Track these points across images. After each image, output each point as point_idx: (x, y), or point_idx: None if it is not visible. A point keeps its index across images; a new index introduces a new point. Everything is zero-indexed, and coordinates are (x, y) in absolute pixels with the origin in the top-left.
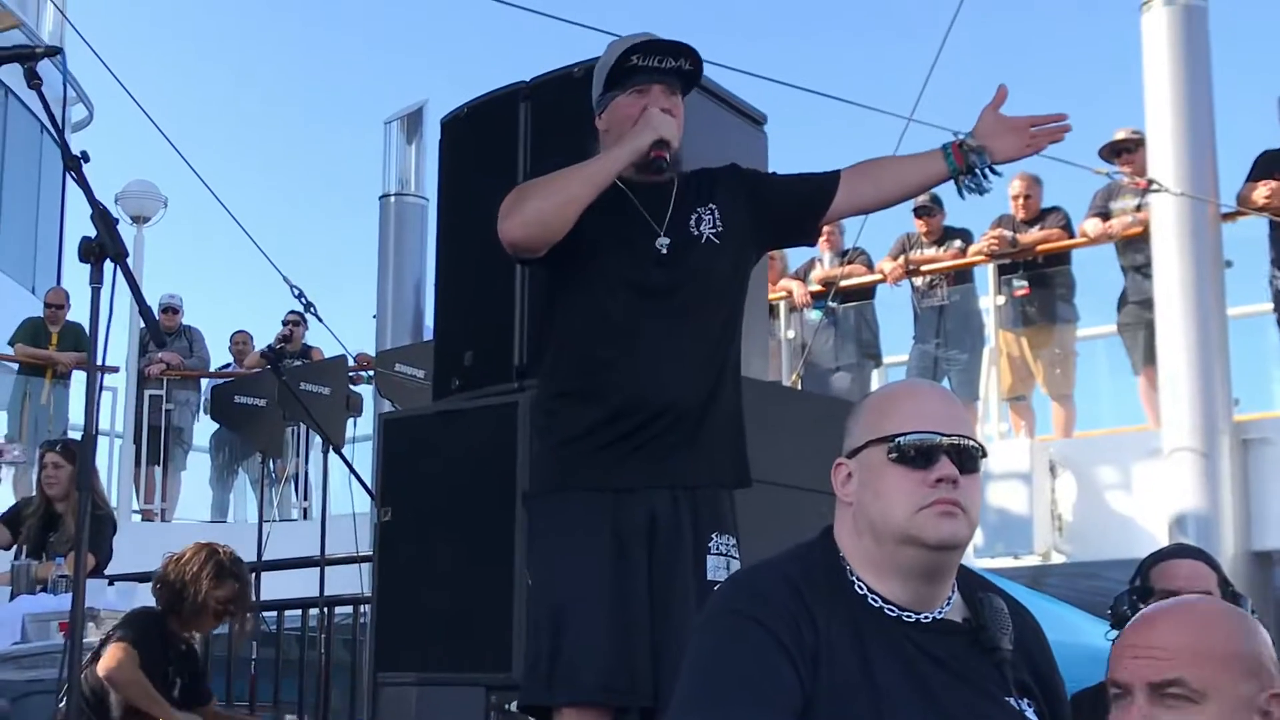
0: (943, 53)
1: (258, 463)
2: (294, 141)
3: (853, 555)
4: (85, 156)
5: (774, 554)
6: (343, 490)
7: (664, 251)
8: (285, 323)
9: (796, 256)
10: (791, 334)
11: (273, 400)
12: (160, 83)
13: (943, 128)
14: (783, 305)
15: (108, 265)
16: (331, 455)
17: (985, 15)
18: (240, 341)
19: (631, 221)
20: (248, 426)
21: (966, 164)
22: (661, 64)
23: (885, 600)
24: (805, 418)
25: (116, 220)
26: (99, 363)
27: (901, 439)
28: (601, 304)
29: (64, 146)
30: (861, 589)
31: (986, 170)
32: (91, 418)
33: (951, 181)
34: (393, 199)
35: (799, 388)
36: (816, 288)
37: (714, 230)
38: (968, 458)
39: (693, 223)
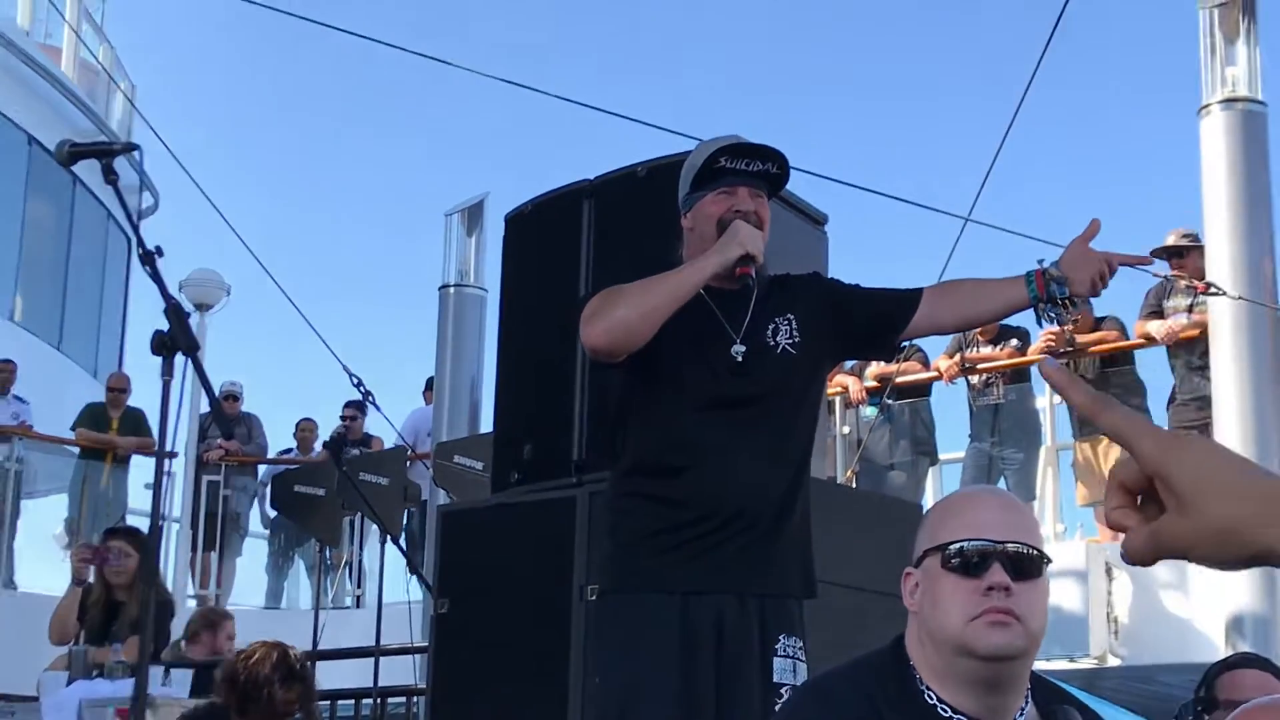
0: (1002, 152)
1: (314, 549)
2: (356, 233)
3: (921, 665)
4: (160, 251)
5: (837, 660)
6: (398, 579)
7: (739, 360)
8: (344, 416)
9: None
10: (846, 430)
11: (332, 489)
12: (226, 173)
13: (1000, 228)
14: (838, 401)
15: (179, 358)
16: (389, 547)
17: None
18: (306, 429)
19: (709, 327)
20: (307, 515)
21: (1048, 293)
22: (749, 166)
23: (955, 710)
24: (860, 516)
25: (188, 314)
26: (167, 451)
27: (954, 547)
28: (675, 410)
29: (139, 242)
30: (931, 699)
31: (1067, 302)
32: (157, 508)
33: (1031, 310)
34: (452, 290)
35: (854, 485)
36: (872, 384)
37: (791, 341)
38: (1025, 565)
39: (770, 332)
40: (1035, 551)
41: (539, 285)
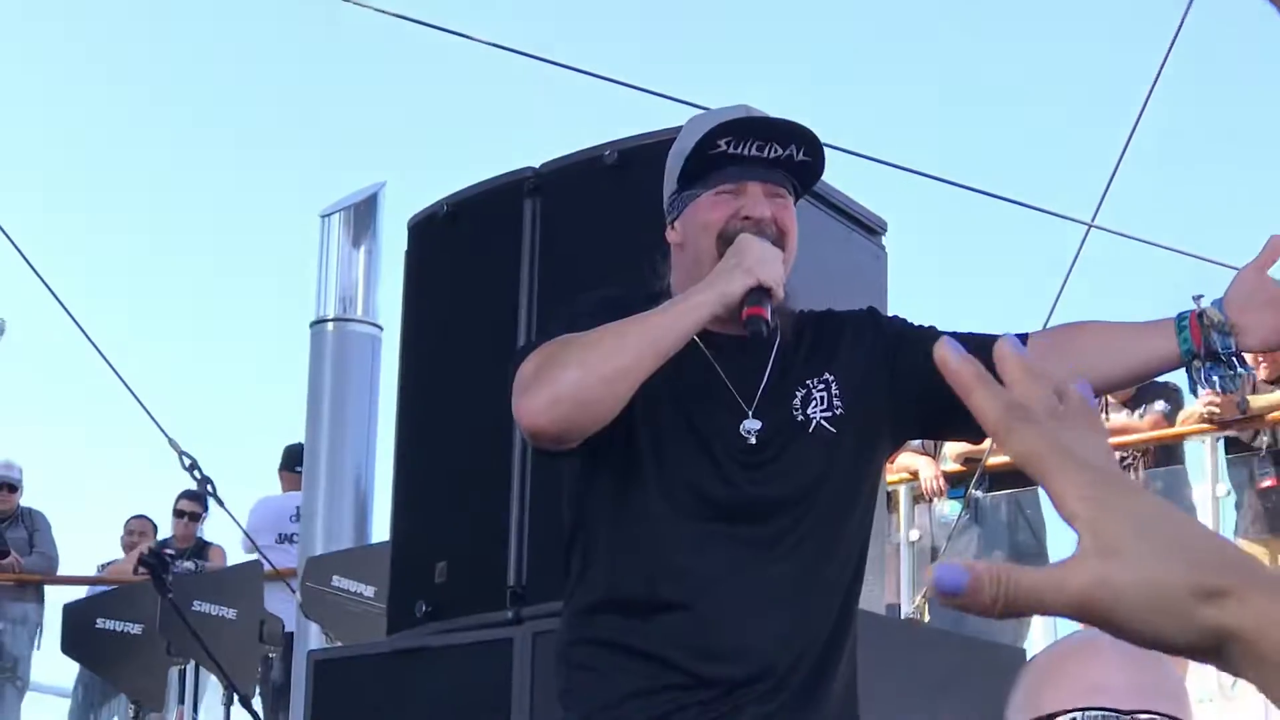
0: (1130, 150)
1: (126, 712)
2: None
3: None
4: None
5: None
6: None
7: (752, 441)
8: (179, 511)
9: None
10: (916, 535)
11: (152, 626)
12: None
13: (1129, 236)
14: (904, 493)
15: None
16: (236, 709)
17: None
18: (137, 531)
19: (708, 394)
20: (115, 662)
21: (1207, 345)
22: (764, 152)
23: None
24: (936, 667)
25: None
26: None
27: None
28: (658, 520)
29: None
30: None
31: (1234, 359)
32: None
33: (1183, 369)
34: (330, 326)
35: (926, 619)
36: (954, 467)
37: (828, 414)
38: None
39: (798, 401)
40: None
41: (457, 321)
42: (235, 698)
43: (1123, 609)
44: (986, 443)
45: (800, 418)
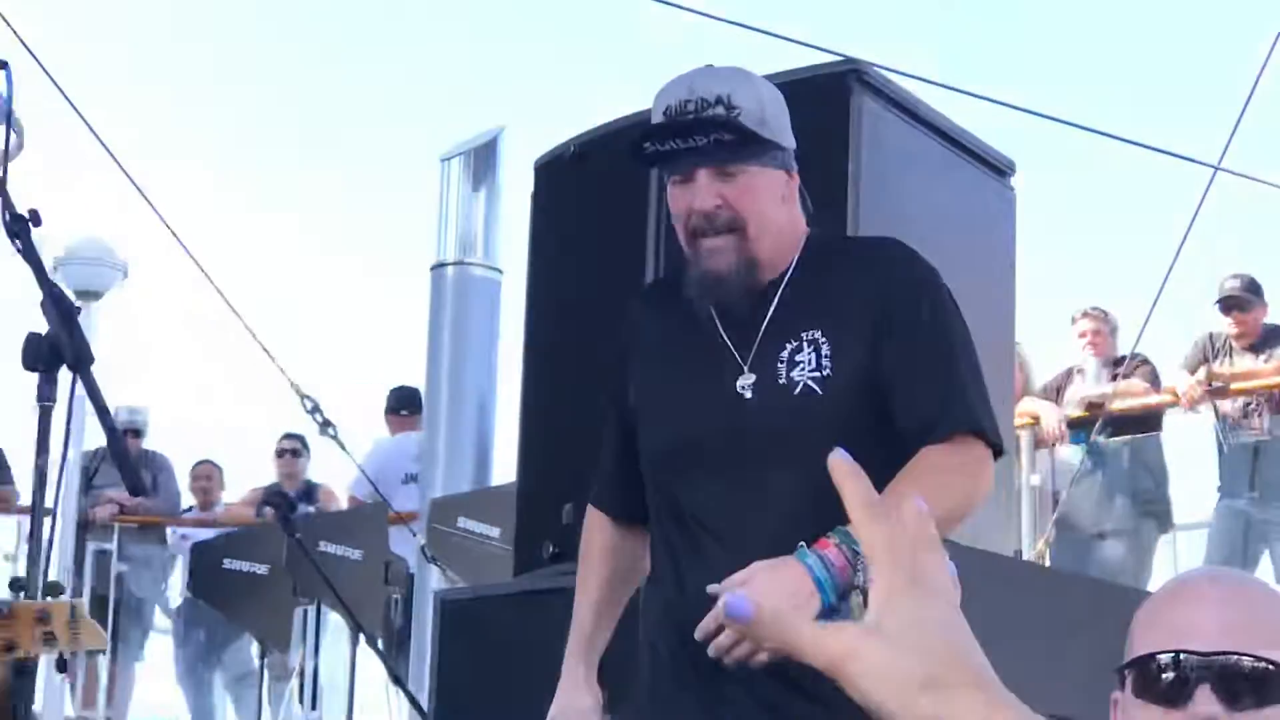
0: (1257, 92)
1: (250, 653)
2: (309, 186)
3: None
4: (36, 218)
5: None
6: (378, 700)
7: (748, 396)
8: (281, 450)
9: (1045, 364)
10: (1037, 480)
11: (278, 566)
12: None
13: (1256, 179)
14: (1025, 438)
15: (62, 374)
16: (362, 647)
17: None
18: (204, 476)
19: (708, 345)
20: (241, 604)
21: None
22: (688, 142)
23: None
24: (1058, 611)
25: (77, 309)
26: (46, 507)
27: (1147, 663)
28: (657, 485)
29: (5, 203)
30: None
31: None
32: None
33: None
34: (450, 270)
35: (1047, 563)
36: (1076, 412)
37: (815, 374)
38: (1248, 687)
39: (783, 357)
40: (1267, 666)
41: (584, 264)
42: (361, 638)
43: (864, 682)
44: (1109, 387)
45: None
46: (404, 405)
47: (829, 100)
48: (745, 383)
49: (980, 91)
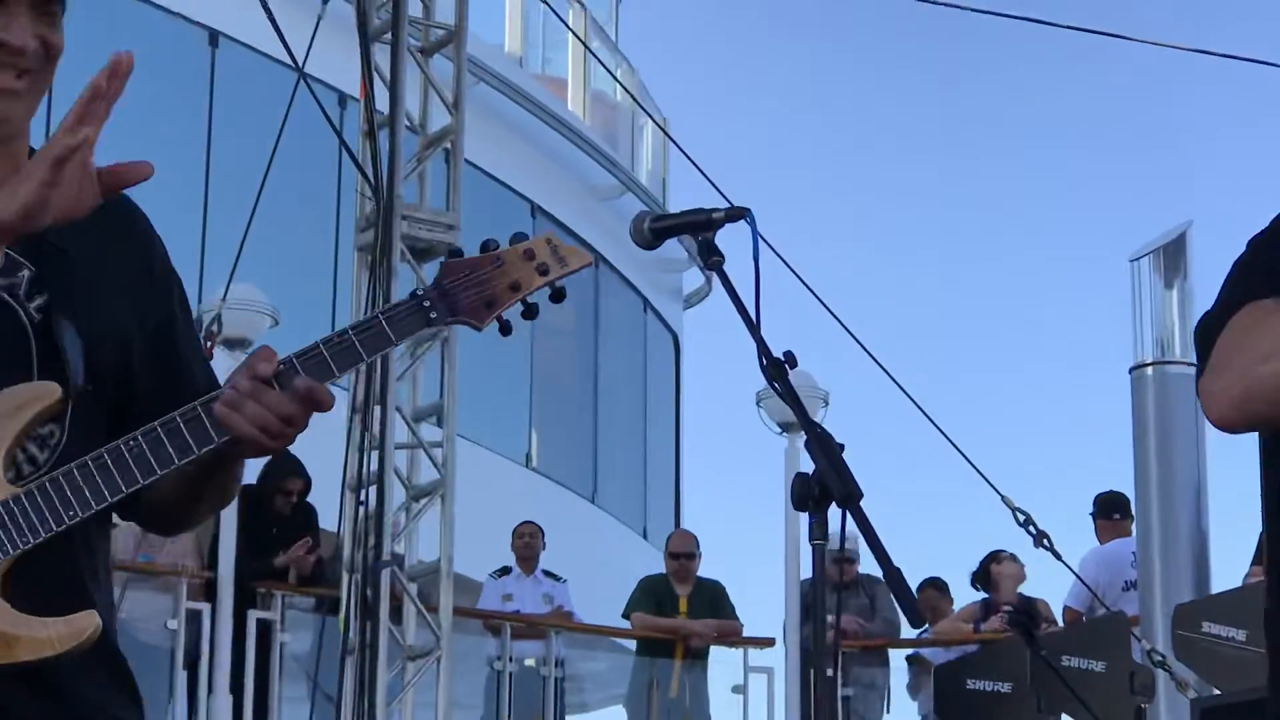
0: None
1: None
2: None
3: None
4: (792, 360)
5: None
6: None
7: None
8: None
9: None
10: None
11: (1022, 683)
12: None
13: None
14: None
15: (833, 512)
16: None
17: None
18: (933, 593)
19: None
20: None
21: None
22: None
23: None
24: None
25: (842, 446)
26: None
27: None
28: None
29: (762, 347)
30: None
31: None
32: None
33: None
34: (1149, 370)
35: None
36: None
37: None
38: None
39: None
40: None
41: None
42: None
43: None
44: None
45: None
46: (1113, 509)
47: None
48: None
49: None
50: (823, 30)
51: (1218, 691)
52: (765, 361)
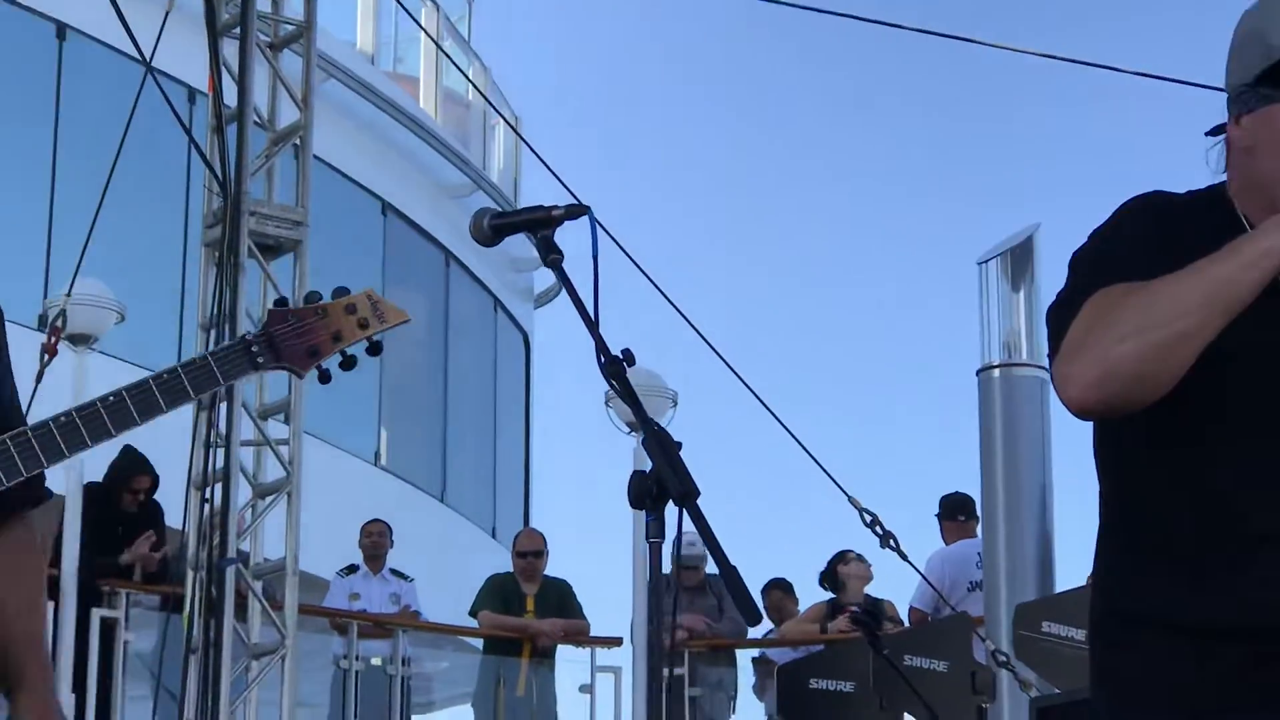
0: None
1: None
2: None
3: None
4: (630, 358)
5: None
6: None
7: None
8: (834, 563)
9: None
10: None
11: (864, 683)
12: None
13: None
14: None
15: (669, 511)
16: None
17: None
18: (779, 594)
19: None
20: None
21: None
22: None
23: None
24: None
25: (679, 444)
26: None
27: None
28: (1216, 487)
29: (600, 346)
30: None
31: None
32: None
33: None
34: (996, 373)
35: None
36: None
37: None
38: None
39: None
40: None
41: None
42: None
43: None
44: None
45: None
46: (959, 510)
47: None
48: None
49: None
50: (673, 31)
51: (1058, 691)
52: (603, 359)
